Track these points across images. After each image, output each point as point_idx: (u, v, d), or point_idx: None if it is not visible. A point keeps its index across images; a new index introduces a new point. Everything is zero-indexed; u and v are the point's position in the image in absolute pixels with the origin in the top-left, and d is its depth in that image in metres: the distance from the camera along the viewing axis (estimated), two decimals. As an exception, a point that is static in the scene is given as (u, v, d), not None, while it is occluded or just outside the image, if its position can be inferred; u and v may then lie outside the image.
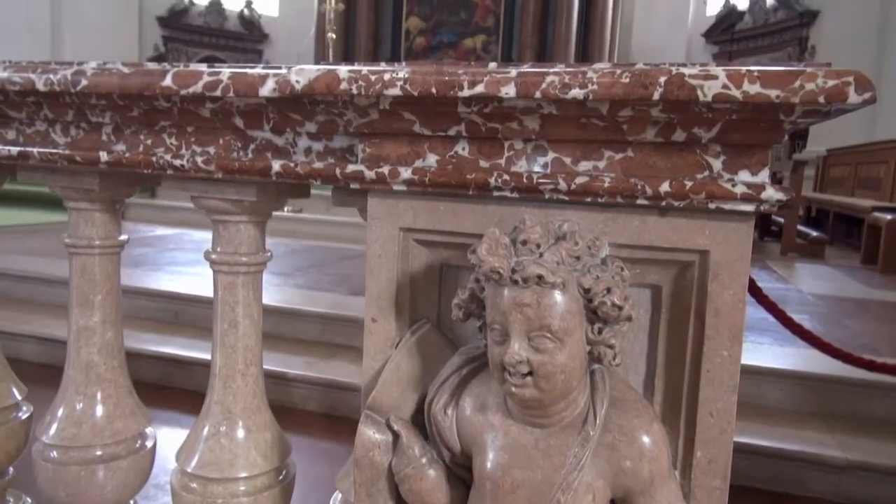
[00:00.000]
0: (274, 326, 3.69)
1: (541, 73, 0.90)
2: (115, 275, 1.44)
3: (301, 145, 1.15)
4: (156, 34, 13.73)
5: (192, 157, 1.18)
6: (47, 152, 1.27)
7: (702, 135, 0.91)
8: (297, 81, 1.01)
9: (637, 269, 0.99)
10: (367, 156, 1.07)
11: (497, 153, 1.01)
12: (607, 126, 0.93)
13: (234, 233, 1.28)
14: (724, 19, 12.18)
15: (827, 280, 5.58)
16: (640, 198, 0.94)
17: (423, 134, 1.03)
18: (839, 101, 0.80)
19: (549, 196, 0.98)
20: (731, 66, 0.84)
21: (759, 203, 0.90)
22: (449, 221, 1.06)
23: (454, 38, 12.34)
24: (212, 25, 14.20)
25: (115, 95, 1.15)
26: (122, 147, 1.25)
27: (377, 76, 0.96)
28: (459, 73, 0.93)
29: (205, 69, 1.09)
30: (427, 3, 12.37)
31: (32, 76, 1.18)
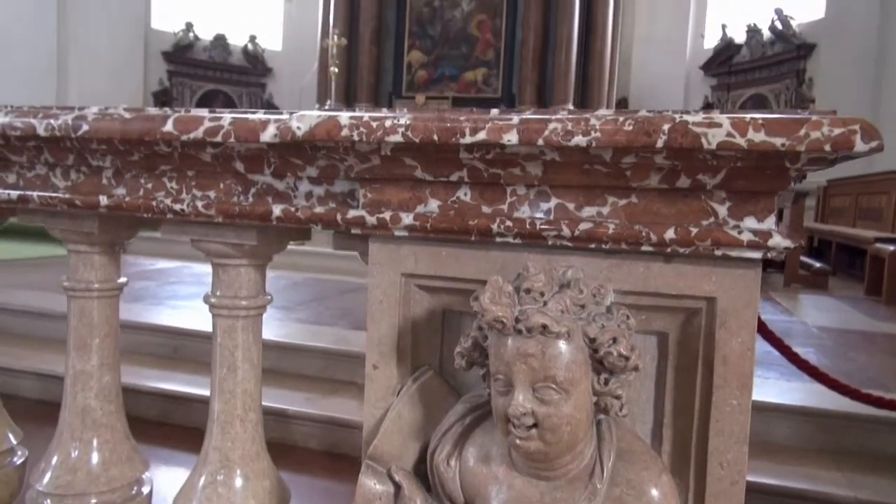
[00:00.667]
0: (275, 362, 3.65)
1: (543, 120, 0.89)
2: (113, 317, 1.43)
3: (302, 189, 1.14)
4: (161, 68, 13.90)
5: (192, 202, 1.18)
6: (47, 196, 1.26)
7: (706, 181, 0.90)
8: (298, 128, 1.00)
9: (643, 316, 0.98)
10: (369, 201, 1.06)
11: (499, 199, 1.00)
12: (610, 172, 0.93)
13: (234, 276, 1.27)
14: (721, 52, 12.32)
15: (831, 312, 5.54)
16: (644, 244, 0.92)
17: (425, 179, 1.02)
18: (846, 149, 0.79)
19: (552, 242, 0.96)
20: (736, 114, 0.83)
21: (765, 250, 0.88)
22: (451, 267, 1.04)
23: (455, 72, 12.48)
24: (216, 60, 14.38)
25: (116, 140, 1.14)
26: (123, 191, 1.24)
27: (378, 123, 0.96)
28: (461, 120, 0.92)
29: (206, 114, 1.09)
30: (428, 38, 12.54)
31: (33, 121, 1.17)
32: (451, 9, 12.38)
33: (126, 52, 13.00)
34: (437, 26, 12.47)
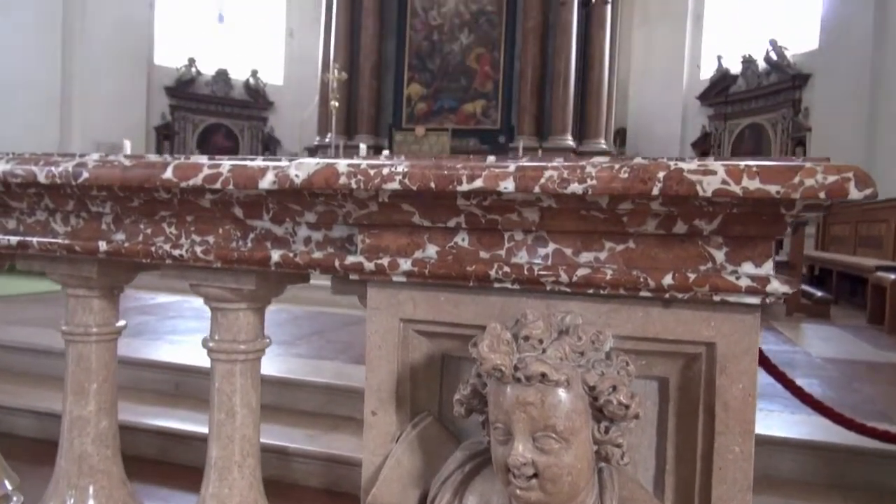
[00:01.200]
0: (275, 398, 3.62)
1: (539, 168, 0.90)
2: (111, 362, 1.42)
3: (300, 234, 1.15)
4: (163, 103, 14.06)
5: (191, 247, 1.18)
6: (46, 242, 1.27)
7: (703, 227, 0.90)
8: (296, 176, 1.01)
9: (643, 361, 0.97)
10: (367, 246, 1.06)
11: (497, 244, 1.00)
12: (607, 218, 0.93)
13: (233, 320, 1.26)
14: (717, 83, 12.46)
15: (835, 342, 5.51)
16: (642, 290, 0.92)
17: (423, 225, 1.02)
18: (840, 196, 0.80)
19: (550, 288, 0.96)
20: (730, 161, 0.84)
21: (764, 296, 0.88)
22: (449, 312, 1.04)
23: (454, 104, 12.62)
24: (218, 94, 14.55)
25: (116, 187, 1.15)
26: (122, 236, 1.25)
27: (376, 171, 0.96)
28: (458, 168, 0.93)
29: (205, 161, 1.10)
30: (428, 71, 12.71)
31: (34, 168, 1.18)
32: (450, 42, 12.56)
33: (129, 87, 13.17)
34: (436, 60, 12.65)
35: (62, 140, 12.22)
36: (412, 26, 12.73)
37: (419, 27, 12.72)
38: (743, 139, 12.15)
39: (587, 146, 11.88)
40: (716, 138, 12.61)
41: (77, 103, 12.38)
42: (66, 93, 12.28)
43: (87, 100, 12.44)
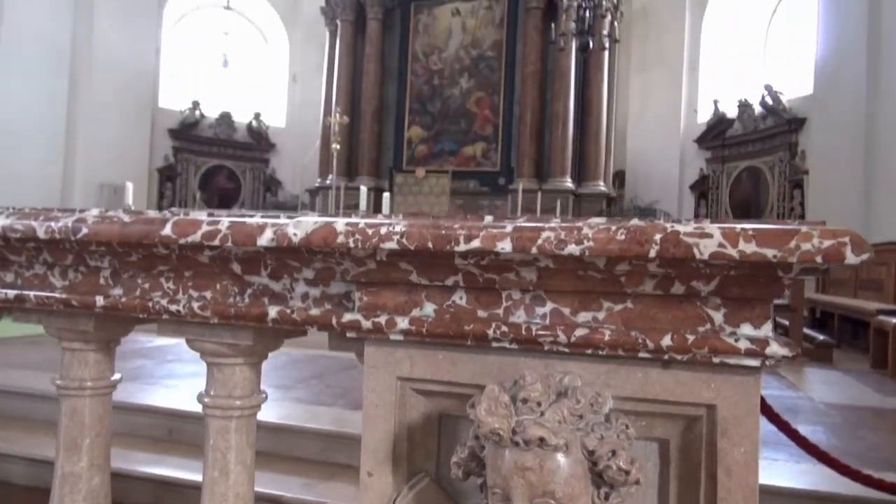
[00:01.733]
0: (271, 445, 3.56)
1: (536, 229, 0.90)
2: (105, 416, 1.40)
3: (298, 291, 1.15)
4: (167, 145, 14.22)
5: (188, 302, 1.18)
6: (44, 296, 1.26)
7: (701, 288, 0.90)
8: (294, 234, 1.01)
9: (643, 422, 0.96)
10: (364, 304, 1.06)
11: (495, 303, 1.00)
12: (605, 278, 0.93)
13: (229, 375, 1.25)
14: (714, 126, 12.61)
15: (838, 386, 5.45)
16: (641, 351, 0.92)
17: (421, 283, 1.02)
18: (837, 261, 0.80)
19: (548, 348, 0.96)
20: (726, 224, 0.84)
21: (763, 359, 0.88)
22: (447, 371, 1.03)
23: (455, 147, 12.76)
24: (221, 136, 14.73)
25: (115, 243, 1.15)
26: (119, 291, 1.24)
27: (374, 230, 0.97)
28: (455, 228, 0.94)
29: (204, 218, 1.11)
30: (428, 114, 12.89)
31: (34, 224, 1.19)
32: (450, 87, 12.77)
33: (133, 130, 13.34)
34: (436, 103, 12.84)
35: (65, 181, 12.33)
36: (413, 71, 12.97)
37: (420, 72, 12.95)
38: (741, 182, 12.24)
39: (586, 188, 11.97)
40: (714, 181, 12.71)
41: (81, 145, 12.53)
42: (71, 134, 12.44)
43: (92, 141, 12.60)
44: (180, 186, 14.32)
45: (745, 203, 12.13)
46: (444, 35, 12.83)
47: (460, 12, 12.75)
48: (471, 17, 12.70)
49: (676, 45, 13.23)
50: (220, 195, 14.71)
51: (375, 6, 12.75)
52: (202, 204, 14.05)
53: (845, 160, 9.26)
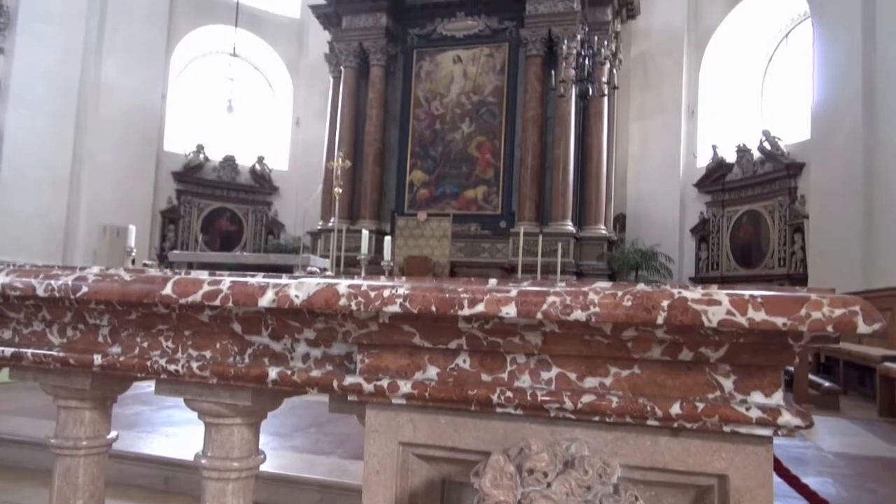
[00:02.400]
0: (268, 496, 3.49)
1: (542, 293, 0.89)
2: (99, 477, 1.37)
3: (299, 351, 1.13)
4: (170, 187, 14.34)
5: (187, 362, 1.16)
6: (41, 354, 1.25)
7: (709, 355, 0.88)
8: (296, 296, 1.00)
9: (652, 492, 0.93)
10: (366, 367, 1.04)
11: (499, 367, 0.98)
12: (611, 343, 0.91)
13: (227, 436, 1.23)
14: (713, 171, 12.72)
15: (846, 436, 5.36)
16: (650, 419, 0.90)
17: (424, 346, 1.00)
18: (848, 330, 0.78)
19: (554, 414, 0.94)
20: (734, 291, 0.83)
21: (775, 428, 0.85)
22: (451, 436, 1.01)
23: (456, 190, 12.85)
24: (224, 179, 14.86)
25: (115, 301, 1.14)
26: (118, 349, 1.23)
27: (377, 293, 0.96)
28: (459, 292, 0.92)
29: (205, 278, 1.10)
30: (430, 158, 13.02)
31: (34, 282, 1.18)
32: (451, 131, 12.93)
33: (137, 173, 13.47)
34: (438, 147, 12.98)
35: (69, 221, 12.39)
36: (415, 116, 13.15)
37: (422, 116, 13.13)
38: (741, 226, 12.29)
39: (587, 231, 12.01)
40: (714, 224, 12.76)
41: (85, 187, 12.63)
42: (76, 176, 12.56)
43: (96, 184, 12.70)
44: (183, 228, 14.39)
45: (746, 247, 12.16)
46: (446, 81, 13.05)
47: (462, 59, 13.00)
48: (472, 64, 12.94)
49: (675, 91, 13.44)
50: (222, 237, 14.76)
51: (379, 53, 13.00)
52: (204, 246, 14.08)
53: (845, 205, 9.29)
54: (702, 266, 12.99)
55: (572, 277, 11.53)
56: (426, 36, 13.22)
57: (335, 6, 13.36)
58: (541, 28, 12.14)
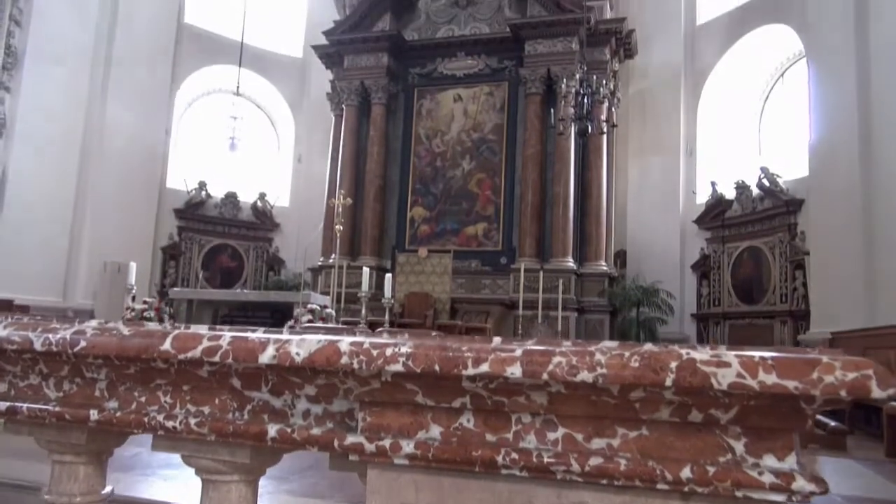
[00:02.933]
0: (265, 544, 3.40)
1: (547, 353, 0.88)
2: (93, 533, 1.33)
3: (299, 408, 1.11)
4: (172, 224, 14.38)
5: (185, 418, 1.14)
6: (36, 409, 1.22)
7: (720, 416, 0.86)
8: (297, 353, 0.99)
9: (662, 559, 0.90)
10: (368, 425, 1.02)
11: (504, 427, 0.96)
12: (619, 404, 0.89)
13: (225, 493, 1.20)
14: (713, 207, 12.77)
15: (854, 478, 5.26)
16: (659, 482, 0.87)
17: (427, 404, 0.99)
18: (862, 395, 0.77)
19: (561, 477, 0.91)
20: (744, 353, 0.82)
21: (790, 494, 0.83)
22: (454, 499, 0.98)
23: (457, 226, 12.89)
24: (226, 216, 14.91)
25: (113, 356, 1.12)
26: (115, 404, 1.21)
27: (379, 351, 0.94)
28: (463, 351, 0.91)
29: (205, 333, 1.08)
30: (431, 195, 13.09)
31: (31, 336, 1.16)
32: (452, 168, 13.02)
33: (140, 209, 13.52)
34: (439, 184, 13.06)
35: (71, 257, 12.40)
36: (416, 153, 13.26)
37: (423, 154, 13.24)
38: (742, 262, 12.28)
39: (588, 268, 12.00)
40: (715, 261, 12.76)
41: (88, 223, 12.67)
42: (79, 212, 12.60)
43: (98, 220, 12.74)
44: (184, 265, 14.39)
45: (748, 283, 12.13)
46: (447, 119, 13.19)
47: (462, 98, 13.16)
48: (472, 103, 13.10)
49: (673, 128, 13.58)
50: (222, 274, 14.75)
51: (380, 91, 13.17)
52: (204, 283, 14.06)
53: (845, 242, 9.29)
54: (703, 302, 12.94)
55: (574, 314, 11.47)
56: (427, 75, 13.41)
57: (337, 46, 13.58)
58: (540, 67, 12.32)
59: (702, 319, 12.91)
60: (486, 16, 13.16)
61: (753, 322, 11.98)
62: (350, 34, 13.36)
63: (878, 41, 8.93)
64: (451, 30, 13.23)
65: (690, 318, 13.09)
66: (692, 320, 13.06)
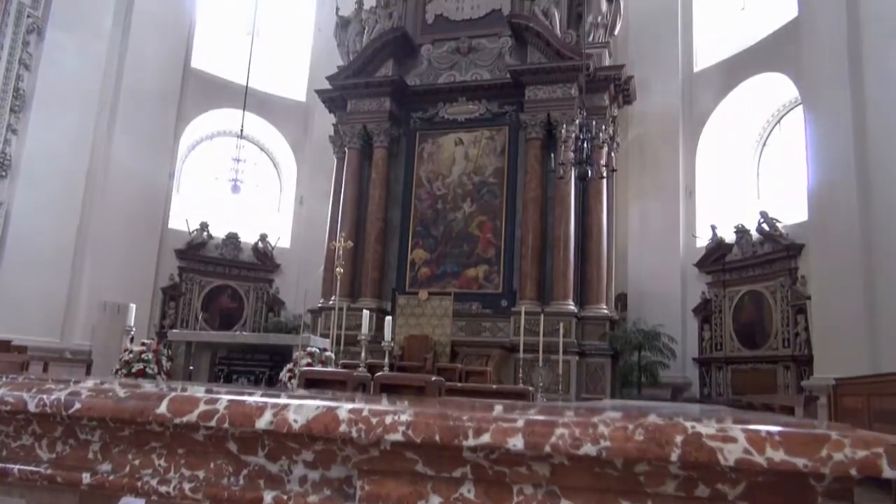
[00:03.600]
0: None
1: (549, 424, 0.86)
2: None
3: (296, 473, 1.08)
4: (173, 264, 14.38)
5: (179, 483, 1.11)
6: (28, 470, 1.20)
7: (727, 492, 0.84)
8: (294, 420, 0.97)
9: None
10: (366, 494, 1.00)
11: (506, 498, 0.94)
12: (623, 477, 0.87)
13: (218, 561, 1.16)
14: (713, 251, 12.76)
15: (863, 531, 5.14)
16: (666, 561, 0.85)
17: (427, 474, 0.96)
18: (873, 473, 0.75)
19: (564, 553, 0.89)
20: (750, 428, 0.80)
21: (801, 576, 0.80)
22: (454, 573, 0.95)
23: (457, 269, 12.88)
24: (226, 257, 14.92)
25: (108, 418, 1.11)
26: (108, 466, 1.18)
27: (378, 419, 0.92)
28: (464, 420, 0.89)
29: (202, 396, 1.06)
30: (432, 237, 13.11)
31: (25, 396, 1.15)
32: (453, 211, 13.08)
33: (141, 250, 13.54)
34: (440, 227, 13.09)
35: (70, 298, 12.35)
36: (417, 196, 13.34)
37: (424, 196, 13.32)
38: (743, 306, 12.23)
39: (589, 311, 11.94)
40: (716, 304, 12.71)
41: (88, 263, 12.66)
42: (80, 253, 12.60)
43: (99, 260, 12.74)
44: (183, 305, 14.34)
45: (749, 327, 12.06)
46: (448, 162, 13.31)
47: (463, 141, 13.30)
48: (473, 146, 13.23)
49: (672, 172, 13.69)
50: (222, 315, 14.69)
51: (382, 135, 13.32)
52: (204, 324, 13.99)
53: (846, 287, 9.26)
54: (705, 346, 12.84)
55: (575, 357, 11.37)
56: (429, 119, 13.58)
57: (341, 91, 13.78)
58: (540, 112, 12.48)
59: (704, 364, 12.79)
60: (486, 62, 13.39)
61: (756, 367, 11.87)
62: (353, 79, 13.57)
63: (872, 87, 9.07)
64: (453, 76, 13.45)
65: (692, 363, 12.97)
66: (694, 364, 12.94)
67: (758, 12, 13.52)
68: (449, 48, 13.60)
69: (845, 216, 9.44)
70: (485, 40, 13.48)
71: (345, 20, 14.44)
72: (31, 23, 11.63)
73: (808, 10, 10.30)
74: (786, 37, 11.76)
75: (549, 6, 12.88)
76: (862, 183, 9.20)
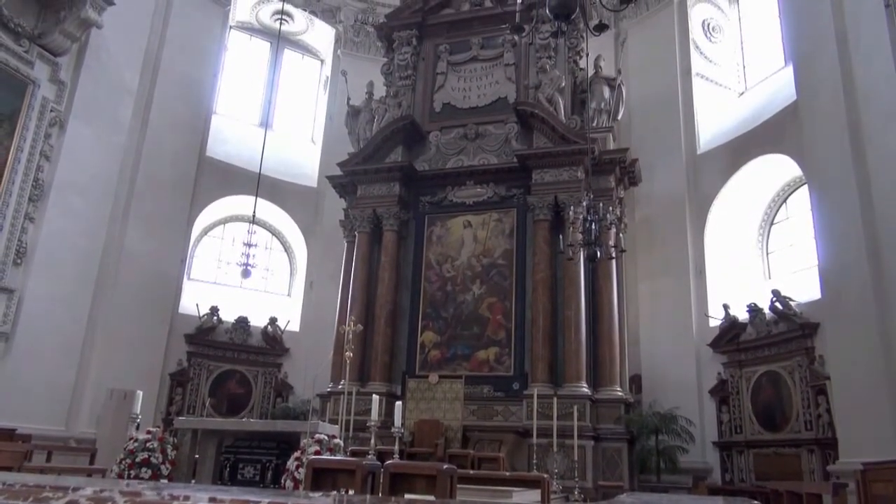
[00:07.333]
0: None
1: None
2: None
3: (299, 588, 1.03)
4: (182, 349, 14.32)
5: None
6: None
7: None
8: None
9: None
10: None
11: None
12: None
13: None
14: (727, 331, 12.59)
15: None
16: None
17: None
18: None
19: None
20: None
21: None
22: None
23: (468, 351, 12.74)
24: (236, 341, 14.87)
25: (105, 528, 1.06)
26: (103, 580, 1.13)
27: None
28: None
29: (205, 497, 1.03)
30: (441, 319, 13.05)
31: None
32: (462, 293, 13.08)
33: (150, 335, 13.52)
34: (449, 309, 13.06)
35: (77, 385, 12.21)
36: (427, 278, 13.38)
37: (433, 279, 13.35)
38: (761, 387, 11.96)
39: (603, 393, 11.69)
40: (733, 385, 12.43)
41: (97, 349, 12.61)
42: (89, 339, 12.56)
43: (108, 346, 12.70)
44: (191, 391, 14.19)
45: (769, 409, 11.74)
46: (457, 245, 13.42)
47: (472, 224, 13.46)
48: (482, 228, 13.38)
49: (681, 252, 13.71)
50: (229, 400, 14.50)
51: (392, 219, 13.51)
52: (211, 410, 13.79)
53: (866, 366, 9.05)
54: (724, 429, 12.45)
55: (590, 442, 11.04)
56: (437, 202, 13.80)
57: (351, 177, 14.10)
58: (547, 195, 12.67)
59: (724, 448, 12.36)
60: (493, 147, 13.72)
61: (778, 451, 11.46)
62: (363, 165, 13.91)
63: (875, 162, 9.15)
64: (461, 160, 13.76)
65: (712, 446, 12.55)
66: (714, 448, 12.52)
67: (758, 97, 13.91)
68: (456, 134, 13.98)
69: (859, 294, 9.33)
70: (491, 126, 13.87)
71: (355, 109, 14.94)
72: (54, 116, 12.07)
73: (806, 95, 10.57)
74: (786, 119, 12.04)
75: (553, 94, 13.30)
76: (873, 258, 9.14)
